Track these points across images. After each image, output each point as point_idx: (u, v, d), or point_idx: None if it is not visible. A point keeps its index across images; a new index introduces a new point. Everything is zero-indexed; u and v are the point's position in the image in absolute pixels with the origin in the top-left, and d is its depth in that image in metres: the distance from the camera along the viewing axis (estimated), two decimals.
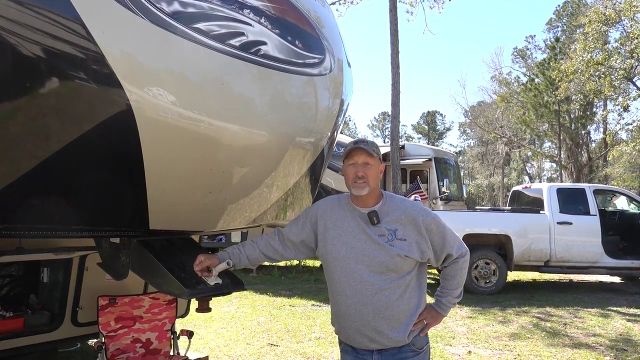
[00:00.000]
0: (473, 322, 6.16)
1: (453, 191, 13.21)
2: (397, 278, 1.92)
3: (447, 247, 2.00)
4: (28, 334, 3.40)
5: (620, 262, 8.14)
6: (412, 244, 1.94)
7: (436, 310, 2.07)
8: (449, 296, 2.08)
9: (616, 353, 4.97)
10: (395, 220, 1.96)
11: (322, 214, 2.06)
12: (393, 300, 1.92)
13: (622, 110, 18.61)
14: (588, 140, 29.24)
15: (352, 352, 2.03)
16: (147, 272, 2.22)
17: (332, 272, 2.01)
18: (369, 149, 1.97)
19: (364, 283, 1.92)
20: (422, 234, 1.95)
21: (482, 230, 8.19)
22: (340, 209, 2.05)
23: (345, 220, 2.01)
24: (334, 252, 1.99)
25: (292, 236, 2.10)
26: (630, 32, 16.93)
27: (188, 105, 1.72)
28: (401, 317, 1.94)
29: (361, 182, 1.94)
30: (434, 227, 1.97)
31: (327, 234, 2.02)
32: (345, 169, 2.02)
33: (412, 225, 1.95)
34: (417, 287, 2.01)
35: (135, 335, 3.59)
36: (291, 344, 5.23)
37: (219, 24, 1.77)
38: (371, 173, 1.96)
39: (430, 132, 56.59)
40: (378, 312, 1.91)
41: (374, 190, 1.99)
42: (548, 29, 32.23)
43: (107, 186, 1.81)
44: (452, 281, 2.06)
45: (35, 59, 1.50)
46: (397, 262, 1.91)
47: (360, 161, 1.96)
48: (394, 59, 12.56)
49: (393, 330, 1.93)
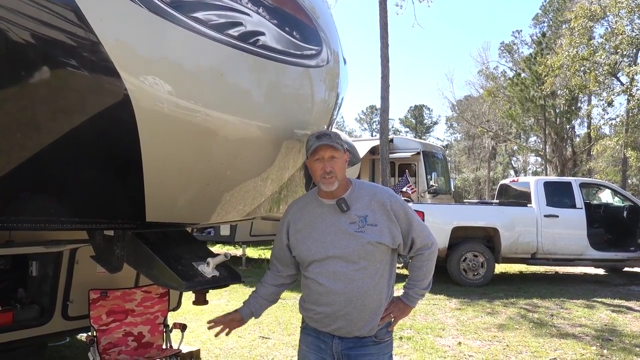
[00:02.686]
0: (462, 314, 6.24)
1: (441, 184, 13.31)
2: (369, 267, 1.94)
3: (413, 232, 2.01)
4: (17, 328, 3.34)
5: (604, 254, 8.29)
6: (384, 229, 1.95)
7: (404, 302, 2.08)
8: (416, 287, 2.09)
9: (602, 343, 5.07)
10: (365, 206, 1.97)
11: (291, 217, 2.08)
12: (366, 290, 1.93)
13: (607, 105, 18.85)
14: (573, 134, 29.63)
15: (314, 333, 2.05)
16: (142, 264, 2.20)
17: (305, 267, 2.02)
18: (334, 144, 1.96)
19: (336, 274, 1.93)
20: (392, 219, 1.97)
21: (470, 223, 8.28)
22: (308, 207, 2.06)
23: (314, 217, 2.02)
24: (305, 250, 1.99)
25: (282, 254, 2.12)
26: (615, 28, 17.14)
27: (187, 95, 1.70)
28: (372, 307, 1.96)
29: (330, 176, 1.94)
30: (402, 213, 1.99)
31: (299, 234, 2.03)
32: (311, 164, 2.01)
33: (382, 210, 1.96)
34: (388, 276, 2.03)
35: (127, 329, 3.56)
36: (282, 337, 5.24)
37: (218, 14, 1.75)
38: (338, 165, 1.96)
39: (418, 126, 56.84)
40: (350, 301, 1.92)
41: (342, 181, 1.99)
42: (534, 24, 32.48)
43: (103, 178, 1.78)
44: (419, 272, 2.07)
45: (31, 47, 1.47)
46: (369, 250, 1.92)
47: (326, 156, 1.95)
48: (383, 52, 12.55)
49: (362, 320, 1.94)
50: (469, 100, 37.48)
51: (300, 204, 2.11)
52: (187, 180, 1.95)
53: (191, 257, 2.19)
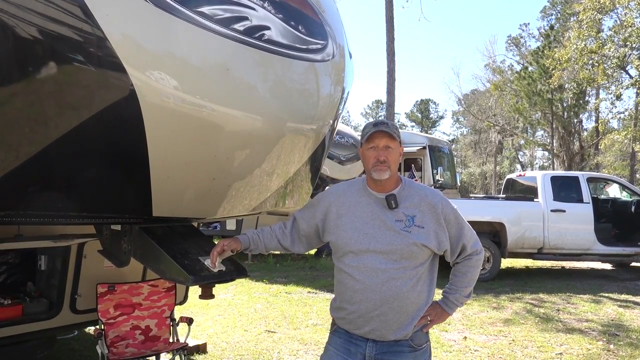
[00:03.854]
0: (468, 309, 6.23)
1: (447, 179, 13.26)
2: (410, 268, 1.84)
3: (464, 238, 1.93)
4: (27, 322, 3.38)
5: (612, 249, 8.24)
6: (430, 233, 1.86)
7: (442, 308, 1.97)
8: (457, 294, 1.98)
9: (608, 338, 5.05)
10: (414, 206, 1.88)
11: (334, 200, 1.98)
12: (404, 292, 1.84)
13: (615, 99, 18.68)
14: (580, 128, 29.39)
15: (345, 336, 1.93)
16: (149, 259, 2.22)
17: (342, 258, 1.92)
18: (391, 132, 1.87)
19: (375, 270, 1.83)
20: (441, 223, 1.88)
21: (477, 217, 8.22)
22: (353, 194, 1.96)
23: (359, 206, 1.92)
24: (345, 237, 1.90)
25: (304, 226, 2.03)
26: (624, 20, 16.93)
27: (193, 90, 1.71)
28: (409, 310, 1.86)
29: (383, 166, 1.85)
30: (452, 217, 1.90)
31: (340, 220, 1.93)
32: (364, 153, 1.92)
33: (431, 213, 1.88)
34: (429, 281, 1.93)
35: (135, 323, 3.59)
36: (288, 331, 5.27)
37: (223, 8, 1.75)
38: (392, 157, 1.87)
39: (424, 120, 56.59)
40: (386, 301, 1.83)
41: (394, 175, 1.90)
42: (542, 17, 32.16)
43: (110, 172, 1.79)
44: (463, 278, 1.97)
45: (38, 43, 1.48)
46: (413, 251, 1.84)
47: (381, 144, 1.87)
48: (389, 47, 12.51)
49: (398, 323, 1.85)
50: (475, 94, 37.27)
51: (347, 188, 2.01)
52: (194, 175, 1.95)
53: (197, 251, 2.20)
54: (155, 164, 1.77)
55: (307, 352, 4.60)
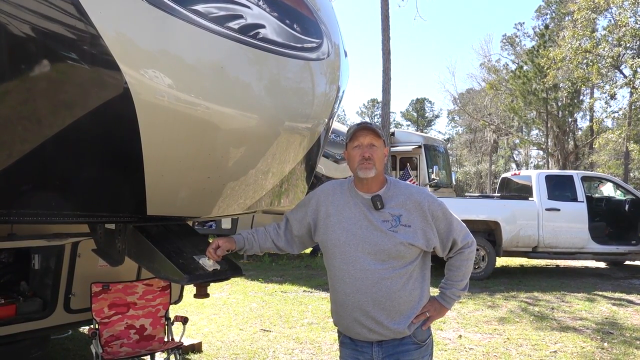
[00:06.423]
0: (463, 307, 6.25)
1: (442, 178, 13.29)
2: (399, 267, 1.86)
3: (453, 233, 1.93)
4: (20, 321, 3.36)
5: (606, 247, 8.30)
6: (417, 231, 1.87)
7: (440, 303, 1.99)
8: (453, 288, 2.00)
9: (602, 336, 5.08)
10: (399, 205, 1.89)
11: (323, 199, 1.99)
12: (395, 291, 1.85)
13: (609, 98, 18.80)
14: (575, 127, 29.50)
15: (351, 345, 1.96)
16: (144, 258, 2.21)
17: (331, 259, 1.94)
18: (375, 129, 1.91)
19: (364, 271, 1.85)
20: (428, 221, 1.89)
21: (472, 216, 8.25)
22: (342, 194, 1.97)
23: (347, 206, 1.93)
24: (334, 238, 1.91)
25: (297, 226, 2.04)
26: (619, 20, 17.00)
27: (187, 88, 1.70)
28: (402, 309, 1.88)
29: (368, 163, 1.86)
30: (440, 213, 1.91)
31: (328, 220, 1.95)
32: (349, 152, 1.94)
33: (418, 211, 1.88)
34: (421, 278, 1.94)
35: (129, 322, 3.58)
36: (284, 330, 5.27)
37: (218, 6, 1.74)
38: (377, 154, 1.89)
39: (419, 119, 56.67)
40: (378, 302, 1.85)
41: (379, 175, 1.91)
42: (537, 16, 32.25)
43: (104, 171, 1.78)
44: (457, 272, 1.98)
45: (31, 41, 1.46)
46: (400, 250, 1.85)
47: (366, 142, 1.89)
48: (385, 45, 12.48)
49: (393, 322, 1.87)
50: (470, 94, 37.32)
51: (334, 187, 2.02)
52: (188, 174, 1.95)
53: (192, 250, 2.19)
54: (149, 162, 1.76)
55: (302, 350, 4.60)
